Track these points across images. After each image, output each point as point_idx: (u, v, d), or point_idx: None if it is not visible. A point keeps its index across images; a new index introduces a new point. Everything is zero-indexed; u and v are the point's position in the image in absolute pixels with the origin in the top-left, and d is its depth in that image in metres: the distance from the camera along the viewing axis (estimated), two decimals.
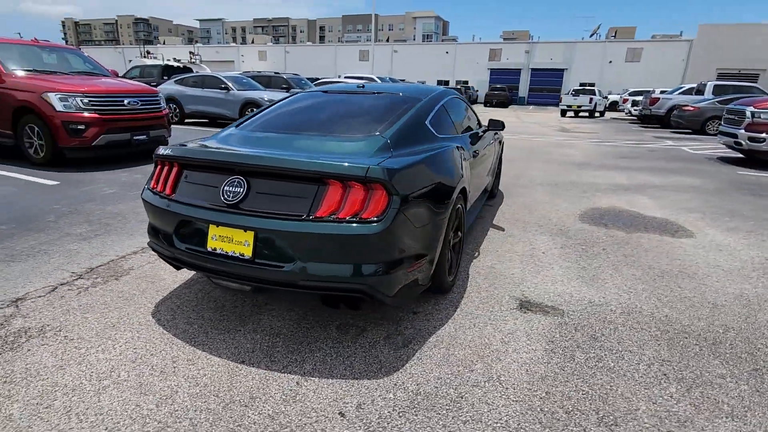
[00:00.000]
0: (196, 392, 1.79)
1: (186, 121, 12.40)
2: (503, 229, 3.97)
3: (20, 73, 6.05)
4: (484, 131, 3.96)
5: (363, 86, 3.19)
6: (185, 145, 2.27)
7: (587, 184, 6.06)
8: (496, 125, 4.00)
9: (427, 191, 2.16)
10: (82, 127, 5.75)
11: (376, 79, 17.20)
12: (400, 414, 1.69)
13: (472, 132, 3.55)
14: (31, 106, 5.73)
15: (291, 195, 1.94)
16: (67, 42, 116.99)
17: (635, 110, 19.88)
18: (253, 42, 68.78)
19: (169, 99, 11.44)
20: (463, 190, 2.74)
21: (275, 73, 13.87)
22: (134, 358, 2.00)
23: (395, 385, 1.86)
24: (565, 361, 2.04)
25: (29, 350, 2.04)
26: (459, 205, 2.67)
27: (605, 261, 3.29)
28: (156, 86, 11.53)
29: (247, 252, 1.95)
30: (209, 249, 2.02)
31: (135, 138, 6.31)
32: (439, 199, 2.26)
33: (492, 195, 4.91)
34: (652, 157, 8.77)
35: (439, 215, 2.25)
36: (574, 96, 23.53)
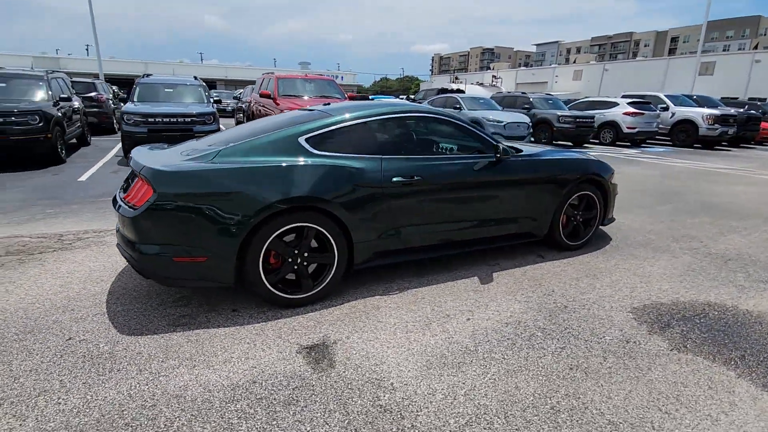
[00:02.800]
0: (55, 302, 2.78)
1: None
2: (490, 281, 3.12)
3: (285, 97, 8.97)
4: (490, 161, 3.21)
5: (328, 104, 3.36)
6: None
7: None
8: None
9: (212, 196, 2.36)
10: None
11: (662, 98, 13.82)
12: (96, 360, 2.14)
13: (416, 156, 3.03)
14: None
15: (131, 185, 2.64)
16: (432, 71, 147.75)
17: None
18: (575, 62, 66.55)
19: None
20: (324, 211, 2.59)
21: (522, 93, 13.65)
22: (68, 272, 3.18)
23: (114, 342, 2.28)
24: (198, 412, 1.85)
25: (53, 257, 3.50)
26: (313, 225, 2.58)
27: (522, 360, 2.20)
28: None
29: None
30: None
31: None
32: (232, 207, 2.37)
33: (556, 243, 3.73)
34: None
35: (230, 222, 2.36)
36: None
